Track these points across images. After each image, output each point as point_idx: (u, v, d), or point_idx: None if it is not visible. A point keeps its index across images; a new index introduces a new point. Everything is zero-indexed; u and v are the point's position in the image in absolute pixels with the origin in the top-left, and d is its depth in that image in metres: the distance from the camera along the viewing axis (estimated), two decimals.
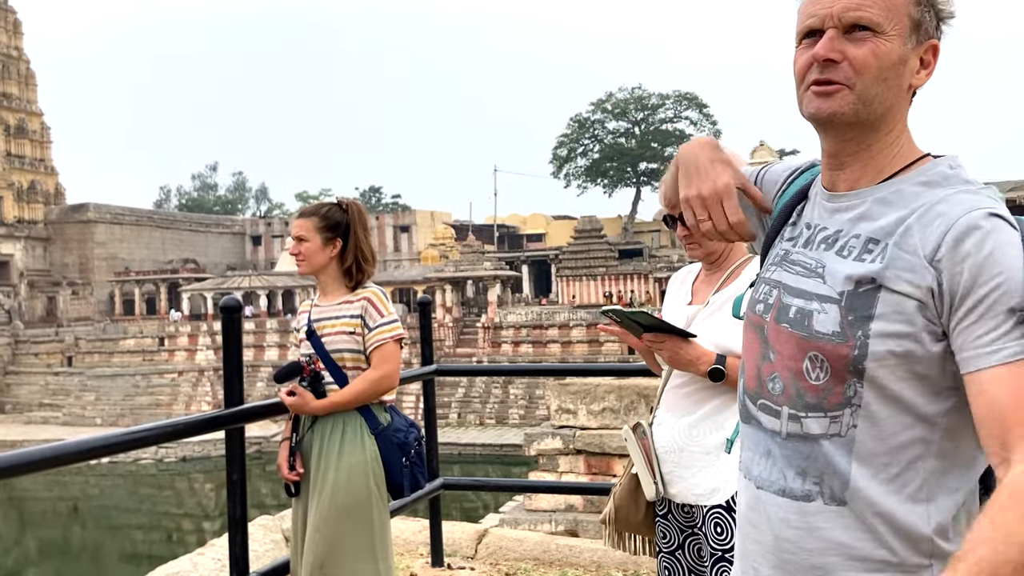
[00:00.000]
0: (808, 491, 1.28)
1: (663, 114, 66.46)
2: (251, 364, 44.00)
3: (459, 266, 47.37)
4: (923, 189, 1.27)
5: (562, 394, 6.75)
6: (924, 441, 1.23)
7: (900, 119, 1.32)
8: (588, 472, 6.64)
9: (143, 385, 46.45)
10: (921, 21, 1.28)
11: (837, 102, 1.27)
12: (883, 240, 1.25)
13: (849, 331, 1.24)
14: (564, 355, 40.70)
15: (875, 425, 1.24)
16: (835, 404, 1.26)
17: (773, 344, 1.34)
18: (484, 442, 36.01)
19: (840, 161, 1.34)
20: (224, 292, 50.01)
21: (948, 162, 1.30)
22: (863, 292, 1.23)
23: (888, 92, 1.28)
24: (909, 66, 1.29)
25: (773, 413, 1.33)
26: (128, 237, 65.44)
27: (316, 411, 3.07)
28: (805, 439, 1.29)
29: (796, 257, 1.36)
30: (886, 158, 1.31)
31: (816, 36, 1.29)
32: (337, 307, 3.18)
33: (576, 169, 67.62)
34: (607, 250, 49.21)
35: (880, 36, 1.26)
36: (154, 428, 2.93)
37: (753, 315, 1.40)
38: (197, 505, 34.13)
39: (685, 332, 2.37)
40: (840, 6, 1.26)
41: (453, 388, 40.47)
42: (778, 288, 1.36)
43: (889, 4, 1.26)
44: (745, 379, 1.41)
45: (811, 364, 1.28)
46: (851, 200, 1.32)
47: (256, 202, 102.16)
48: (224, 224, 76.04)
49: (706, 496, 2.35)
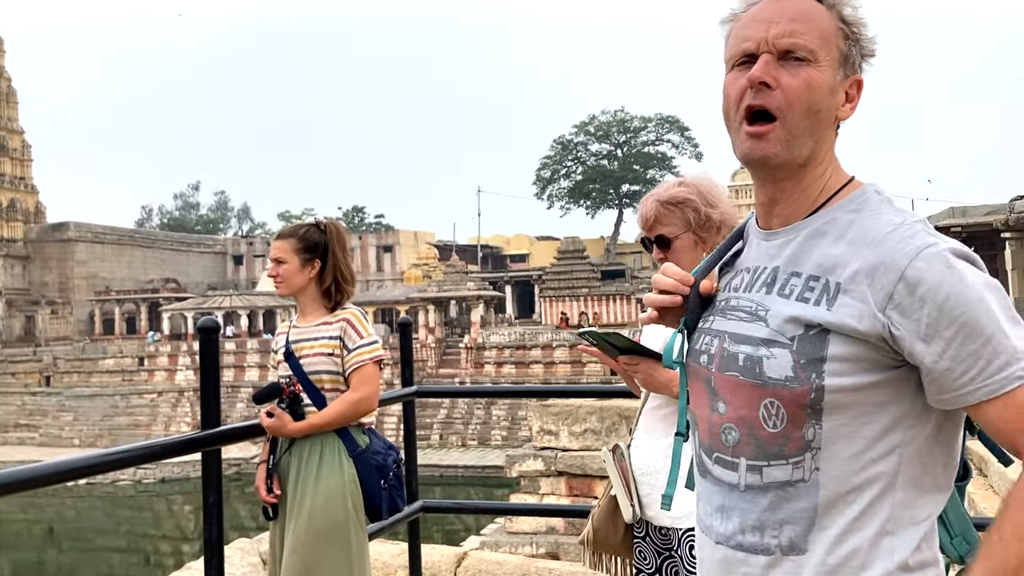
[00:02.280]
0: (767, 545, 1.26)
1: (645, 137, 67.08)
2: (231, 385, 43.69)
3: (442, 286, 47.32)
4: (855, 216, 1.26)
5: (544, 415, 6.74)
6: (889, 474, 1.21)
7: (828, 151, 1.31)
8: (569, 494, 6.63)
9: (122, 405, 45.98)
10: (848, 55, 1.28)
11: (771, 145, 1.26)
12: (823, 276, 1.24)
13: (803, 374, 1.21)
14: (547, 376, 40.64)
15: (838, 465, 1.22)
16: (796, 449, 1.23)
17: (723, 394, 1.31)
18: (466, 464, 35.81)
19: (773, 195, 1.33)
20: (205, 312, 49.72)
21: (874, 187, 1.30)
22: (812, 335, 1.22)
23: (818, 124, 1.27)
24: (837, 98, 1.29)
25: (729, 466, 1.30)
26: (109, 256, 65.03)
27: (294, 433, 3.05)
28: (765, 489, 1.25)
29: (736, 303, 1.34)
30: (815, 190, 1.31)
31: (750, 61, 1.28)
32: (316, 328, 3.16)
33: (559, 190, 68.02)
34: (590, 271, 49.35)
35: (813, 65, 1.25)
36: (130, 450, 2.90)
37: (697, 366, 1.37)
38: (176, 527, 33.72)
39: (658, 354, 2.36)
40: (775, 31, 1.26)
41: (435, 409, 40.30)
42: (719, 337, 1.33)
43: (822, 34, 1.26)
44: (698, 432, 1.38)
45: (767, 412, 1.25)
46: (786, 235, 1.31)
47: (238, 221, 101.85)
48: (205, 243, 75.76)
49: (682, 519, 2.33)
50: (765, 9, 1.29)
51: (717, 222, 2.43)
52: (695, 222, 2.43)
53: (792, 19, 1.26)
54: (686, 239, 2.44)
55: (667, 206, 2.45)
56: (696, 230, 2.43)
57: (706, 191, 2.45)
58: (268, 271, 3.32)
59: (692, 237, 2.44)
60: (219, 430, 3.09)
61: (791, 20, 1.26)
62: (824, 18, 1.27)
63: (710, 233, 2.43)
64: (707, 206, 2.43)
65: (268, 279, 3.43)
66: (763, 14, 1.28)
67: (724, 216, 2.44)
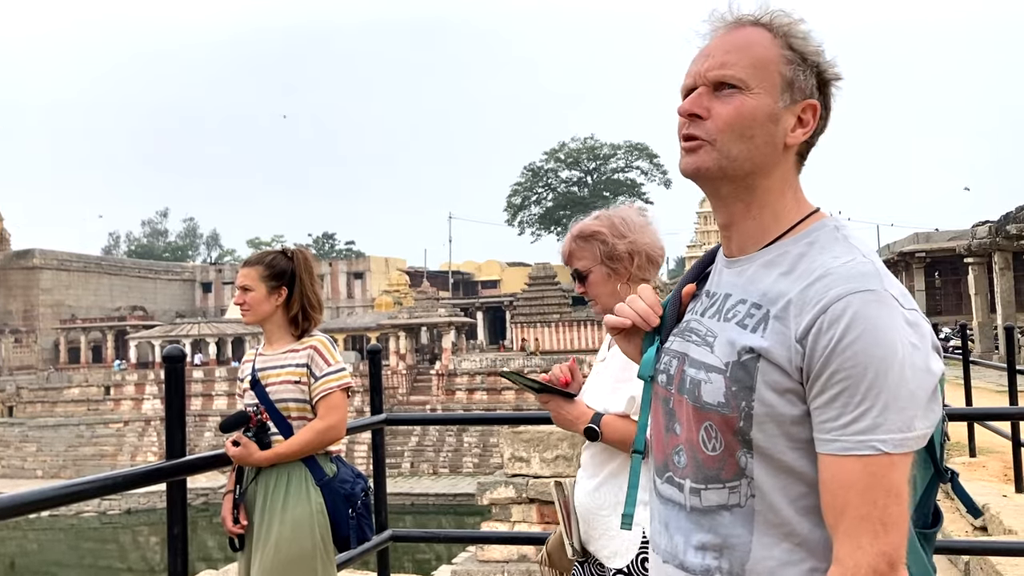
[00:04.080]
0: (707, 566, 1.27)
1: (615, 163, 67.71)
2: (199, 413, 43.14)
3: (413, 313, 47.15)
4: (807, 249, 1.27)
5: (515, 442, 6.72)
6: (820, 507, 1.20)
7: (779, 177, 1.32)
8: (541, 521, 6.59)
9: (87, 435, 45.17)
10: (794, 80, 1.30)
11: (700, 157, 1.30)
12: (765, 306, 1.25)
13: (734, 401, 1.23)
14: (519, 402, 40.51)
15: (771, 494, 1.22)
16: (732, 474, 1.24)
17: (677, 416, 1.33)
18: (437, 492, 35.52)
19: (726, 221, 1.36)
20: (172, 340, 49.16)
21: (833, 222, 1.31)
22: (744, 362, 1.23)
23: (755, 148, 1.29)
24: (782, 124, 1.30)
25: (677, 486, 1.32)
26: (75, 284, 64.15)
27: (260, 462, 3.01)
28: (706, 512, 1.27)
29: (694, 326, 1.36)
30: (769, 218, 1.32)
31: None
32: (282, 356, 3.14)
33: (530, 216, 68.32)
34: (561, 297, 49.42)
35: (745, 93, 1.29)
36: (93, 482, 2.84)
37: (659, 387, 1.39)
38: (141, 559, 33.07)
39: (568, 392, 2.36)
40: (707, 65, 1.32)
41: (406, 437, 40.01)
42: (678, 358, 1.36)
43: (756, 63, 1.29)
44: (654, 453, 1.40)
45: (706, 435, 1.26)
46: (742, 264, 1.34)
47: (207, 248, 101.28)
48: (174, 271, 75.07)
49: (609, 559, 2.34)
50: (709, 45, 1.35)
51: (625, 252, 2.42)
52: (603, 254, 2.43)
53: (726, 51, 1.31)
54: (598, 272, 2.45)
55: (578, 240, 2.48)
56: (605, 261, 2.43)
57: (618, 223, 2.45)
58: (235, 299, 3.29)
59: (604, 269, 2.44)
60: (184, 460, 3.05)
61: (725, 52, 1.31)
62: (765, 47, 1.30)
63: (620, 264, 2.42)
64: (615, 237, 2.43)
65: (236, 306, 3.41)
66: (706, 50, 1.35)
67: (634, 246, 2.43)
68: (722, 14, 1.35)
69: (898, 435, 1.14)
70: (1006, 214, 23.93)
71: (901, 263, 37.31)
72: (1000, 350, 23.90)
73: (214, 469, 3.31)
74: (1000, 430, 6.93)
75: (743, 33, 1.32)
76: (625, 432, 2.24)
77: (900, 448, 1.14)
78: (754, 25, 1.32)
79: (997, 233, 24.08)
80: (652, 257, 2.46)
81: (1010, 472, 6.37)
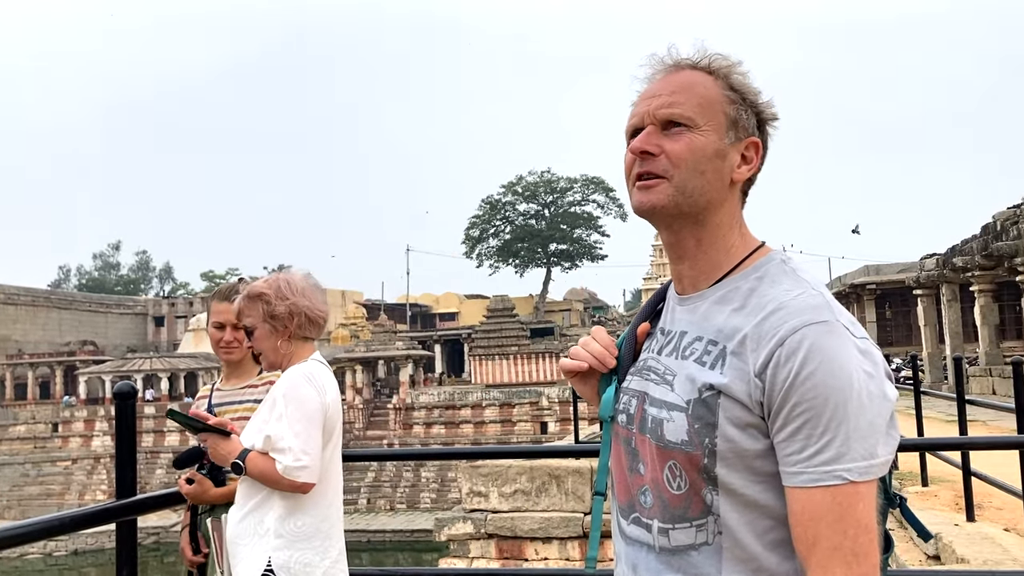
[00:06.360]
0: None
1: (572, 197, 68.01)
2: (151, 450, 42.21)
3: (370, 346, 46.79)
4: (757, 284, 1.30)
5: (473, 476, 6.67)
6: (789, 543, 1.21)
7: (728, 213, 1.36)
8: (500, 557, 6.53)
9: (33, 474, 43.92)
10: (738, 119, 1.34)
11: (657, 194, 1.32)
12: (721, 343, 1.27)
13: (696, 439, 1.24)
14: (477, 436, 40.29)
15: (738, 530, 1.22)
16: (699, 512, 1.24)
17: (641, 455, 1.33)
18: (394, 528, 35.04)
19: (678, 256, 1.38)
20: (124, 375, 48.16)
21: (780, 256, 1.35)
22: (705, 399, 1.24)
23: (707, 184, 1.32)
24: (729, 161, 1.34)
25: (645, 527, 1.31)
26: (22, 318, 62.74)
27: (216, 499, 2.96)
28: (675, 552, 1.27)
29: (652, 364, 1.37)
30: (719, 253, 1.35)
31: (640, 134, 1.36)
32: (240, 392, 3.11)
33: (488, 249, 68.31)
34: (519, 329, 49.45)
35: (694, 131, 1.32)
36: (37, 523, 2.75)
37: (619, 427, 1.39)
38: None
39: (223, 431, 2.69)
40: (655, 104, 1.34)
41: (363, 472, 39.48)
42: (638, 397, 1.36)
43: (702, 102, 1.33)
44: (616, 493, 1.39)
45: (671, 473, 1.27)
46: (694, 302, 1.36)
47: (160, 282, 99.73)
48: (126, 304, 73.77)
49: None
50: (653, 86, 1.38)
51: (284, 313, 2.76)
52: (266, 313, 2.77)
53: (673, 91, 1.34)
54: (263, 328, 2.78)
55: (246, 300, 2.82)
56: (268, 319, 2.77)
57: (283, 286, 2.80)
58: (224, 336, 3.20)
59: (267, 326, 2.78)
60: (135, 499, 2.97)
61: (672, 92, 1.34)
62: (708, 87, 1.34)
63: (281, 321, 2.77)
64: (278, 299, 2.77)
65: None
66: (650, 91, 1.37)
67: (294, 307, 2.77)
68: (662, 57, 1.38)
69: (863, 463, 1.16)
70: (952, 247, 24.46)
71: (852, 295, 37.92)
72: (949, 380, 24.35)
73: (167, 508, 3.23)
74: (951, 459, 7.03)
75: (685, 75, 1.36)
76: (264, 467, 2.58)
77: (865, 476, 1.16)
78: (693, 68, 1.36)
79: (944, 265, 24.61)
80: (312, 318, 2.81)
81: (961, 501, 6.45)
